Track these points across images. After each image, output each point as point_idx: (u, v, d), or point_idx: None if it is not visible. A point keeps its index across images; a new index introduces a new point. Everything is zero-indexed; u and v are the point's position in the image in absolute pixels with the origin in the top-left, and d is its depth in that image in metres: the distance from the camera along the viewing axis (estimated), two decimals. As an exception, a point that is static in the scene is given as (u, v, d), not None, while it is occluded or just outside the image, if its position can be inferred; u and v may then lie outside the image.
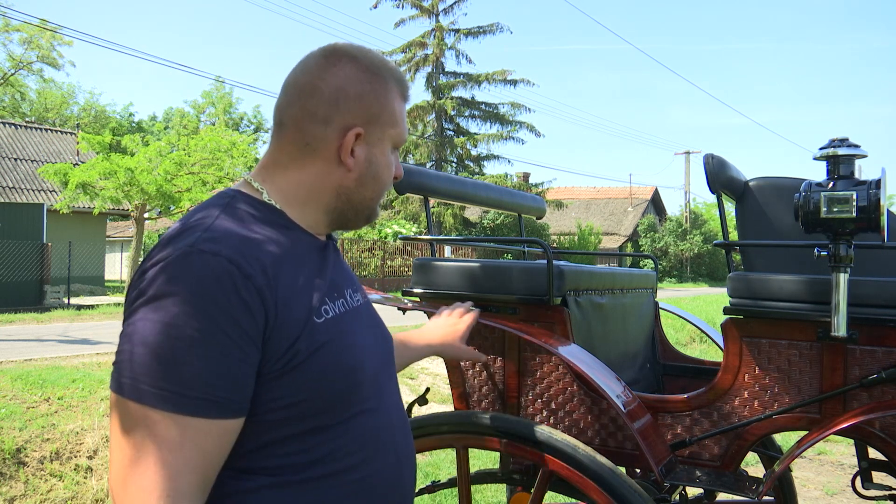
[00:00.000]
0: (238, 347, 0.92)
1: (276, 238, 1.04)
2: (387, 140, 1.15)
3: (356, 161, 1.11)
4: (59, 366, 6.20)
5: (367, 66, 1.12)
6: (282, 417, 0.98)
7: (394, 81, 1.15)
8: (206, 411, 0.90)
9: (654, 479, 2.08)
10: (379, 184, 1.15)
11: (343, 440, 1.03)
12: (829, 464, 5.21)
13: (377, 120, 1.12)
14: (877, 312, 1.71)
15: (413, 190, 2.31)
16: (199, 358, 0.90)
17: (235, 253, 0.95)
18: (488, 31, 28.29)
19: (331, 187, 1.12)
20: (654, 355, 2.68)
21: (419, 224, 25.58)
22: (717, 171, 2.11)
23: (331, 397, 1.01)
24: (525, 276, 2.02)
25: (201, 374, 0.90)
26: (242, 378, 0.93)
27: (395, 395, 1.19)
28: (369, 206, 1.17)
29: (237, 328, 0.92)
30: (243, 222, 1.02)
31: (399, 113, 1.16)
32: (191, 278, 0.91)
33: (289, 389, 0.98)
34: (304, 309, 1.00)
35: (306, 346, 0.98)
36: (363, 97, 1.11)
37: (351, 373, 1.04)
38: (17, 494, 4.02)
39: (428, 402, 2.01)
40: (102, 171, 17.87)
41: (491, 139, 27.94)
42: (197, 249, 0.93)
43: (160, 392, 0.88)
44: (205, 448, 0.91)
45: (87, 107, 41.92)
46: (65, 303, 15.70)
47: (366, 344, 1.11)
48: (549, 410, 2.05)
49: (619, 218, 40.39)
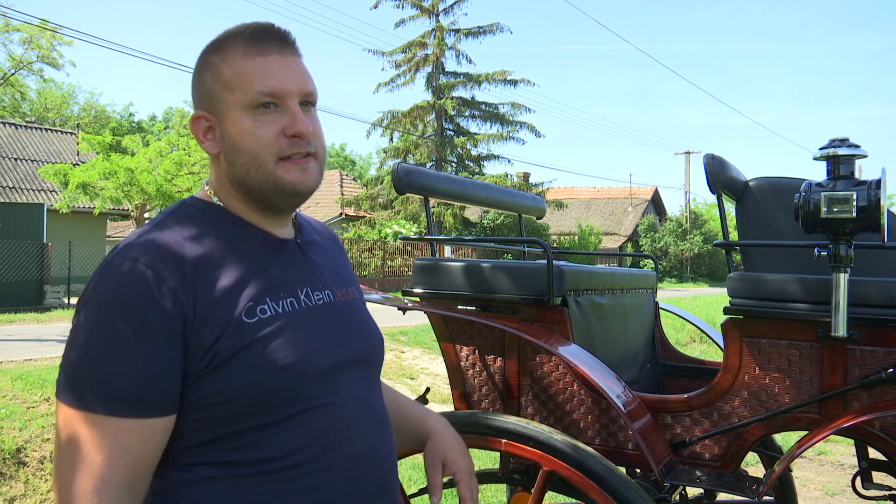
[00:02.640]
0: (154, 347, 0.95)
1: (213, 237, 1.05)
2: (231, 109, 1.06)
3: (218, 144, 1.09)
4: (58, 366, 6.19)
5: (210, 47, 1.09)
6: (214, 415, 0.99)
7: (232, 43, 1.07)
8: (126, 410, 0.94)
9: (654, 479, 2.08)
10: (244, 153, 1.06)
11: (286, 436, 1.02)
12: (829, 464, 5.21)
13: (215, 96, 1.07)
14: (877, 312, 1.71)
15: (413, 190, 2.31)
16: (115, 359, 0.94)
17: (153, 257, 0.98)
18: (488, 31, 28.26)
19: (223, 177, 1.10)
20: (654, 355, 2.68)
21: (419, 224, 25.58)
22: (717, 171, 2.11)
23: (264, 396, 1.00)
24: (525, 276, 2.02)
25: (118, 375, 0.94)
26: (161, 377, 0.96)
27: (359, 390, 1.14)
28: (258, 179, 1.06)
29: (151, 328, 0.95)
30: (180, 225, 1.05)
31: (235, 73, 1.05)
32: (108, 284, 0.96)
33: (216, 387, 0.99)
34: (229, 308, 1.00)
35: (230, 345, 0.98)
36: (199, 81, 1.09)
37: (284, 372, 1.02)
38: (17, 494, 4.02)
39: (428, 402, 2.01)
40: (102, 171, 17.87)
41: (491, 139, 27.91)
42: (120, 257, 0.98)
43: (81, 393, 0.94)
44: (128, 446, 0.94)
45: (87, 107, 41.92)
46: (65, 303, 15.70)
47: (316, 343, 1.07)
48: (549, 410, 2.05)
49: (619, 218, 40.38)
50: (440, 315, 2.16)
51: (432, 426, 1.43)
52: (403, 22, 28.41)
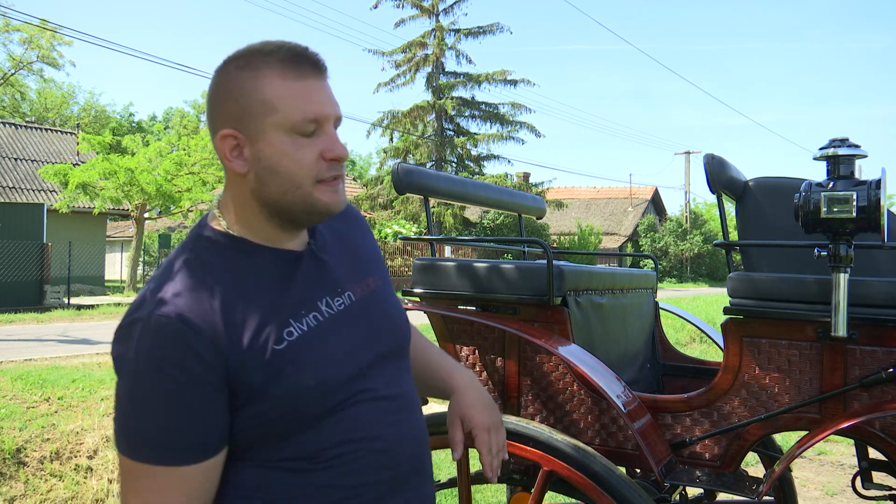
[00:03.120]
0: (204, 398, 1.00)
1: (231, 275, 1.07)
2: (269, 130, 1.05)
3: (246, 162, 1.07)
4: (59, 366, 6.20)
5: (237, 61, 1.07)
6: (254, 433, 1.06)
7: (267, 63, 1.05)
8: (188, 459, 1.00)
9: (654, 479, 2.08)
10: (282, 177, 1.06)
11: (322, 434, 1.07)
12: (829, 464, 5.21)
13: (249, 114, 1.05)
14: (877, 312, 1.71)
15: (413, 190, 2.31)
16: (175, 416, 0.99)
17: (186, 313, 1.01)
18: (488, 31, 28.25)
19: (246, 195, 1.09)
20: (654, 355, 2.68)
21: (419, 224, 25.57)
22: (717, 171, 2.11)
23: (301, 408, 1.06)
24: (525, 276, 2.02)
25: (176, 430, 0.99)
26: (215, 422, 1.02)
27: (389, 379, 1.17)
28: (293, 201, 1.07)
29: (197, 382, 0.99)
30: (200, 268, 1.06)
31: (276, 95, 1.04)
32: (152, 346, 0.99)
33: (255, 411, 1.04)
34: (260, 342, 1.03)
35: (265, 376, 1.03)
36: (230, 96, 1.06)
37: (318, 385, 1.06)
38: (17, 494, 4.02)
39: (428, 402, 2.01)
40: (102, 171, 17.87)
41: (491, 139, 27.90)
42: (154, 316, 1.00)
43: (145, 449, 0.99)
44: (191, 489, 1.01)
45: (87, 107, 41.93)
46: (65, 303, 15.69)
47: (344, 351, 1.11)
48: (549, 410, 2.05)
49: (619, 218, 40.38)
50: (440, 315, 2.17)
51: (456, 382, 1.42)
52: (403, 22, 28.41)
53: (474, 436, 1.37)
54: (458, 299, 2.14)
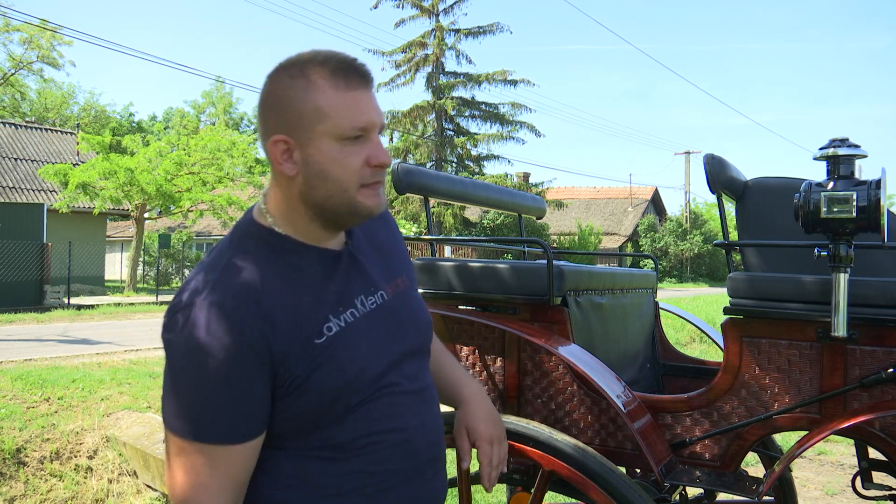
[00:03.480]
0: (250, 383, 1.07)
1: (277, 270, 1.13)
2: (320, 137, 1.11)
3: (295, 166, 1.13)
4: (59, 366, 6.20)
5: (289, 69, 1.13)
6: (292, 423, 1.13)
7: (319, 73, 1.11)
8: (235, 438, 1.08)
9: (654, 479, 2.08)
10: (330, 181, 1.12)
11: (354, 424, 1.15)
12: (829, 464, 5.21)
13: (300, 121, 1.11)
14: (877, 312, 1.71)
15: (413, 190, 2.31)
16: (222, 396, 1.06)
17: (235, 300, 1.07)
18: (488, 31, 28.27)
19: (295, 196, 1.16)
20: (654, 355, 2.68)
21: (419, 224, 25.58)
22: (717, 171, 2.11)
23: (336, 400, 1.13)
24: (525, 276, 2.02)
25: (227, 408, 1.07)
26: (258, 407, 1.09)
27: (413, 373, 1.25)
28: (339, 204, 1.14)
29: (245, 368, 1.06)
30: (248, 262, 1.13)
31: (328, 103, 1.10)
32: (202, 330, 1.05)
33: (294, 402, 1.11)
34: (303, 334, 1.11)
35: (306, 368, 1.10)
36: (282, 103, 1.12)
37: (352, 379, 1.14)
38: (17, 494, 4.03)
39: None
40: (102, 171, 17.88)
41: (491, 139, 27.92)
42: (205, 302, 1.07)
43: (197, 427, 1.06)
44: (236, 466, 1.09)
45: (87, 107, 41.94)
46: (65, 303, 15.70)
47: (377, 346, 1.19)
48: (549, 410, 2.05)
49: (619, 218, 40.39)
50: (440, 315, 2.17)
51: (465, 393, 1.50)
52: (403, 22, 28.43)
53: (477, 447, 1.46)
54: (458, 299, 2.14)
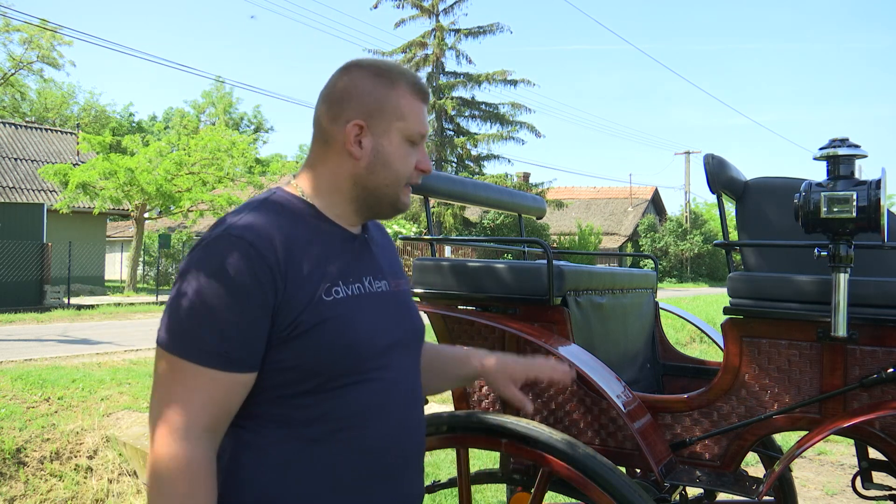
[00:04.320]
0: (250, 314, 1.13)
1: (298, 226, 1.22)
2: (394, 131, 1.26)
3: (363, 151, 1.25)
4: (59, 366, 6.20)
5: (375, 70, 1.28)
6: (286, 377, 1.17)
7: (403, 80, 1.27)
8: (219, 364, 1.12)
9: (654, 479, 2.08)
10: (391, 171, 1.27)
11: (342, 401, 1.19)
12: (829, 464, 5.21)
13: (381, 113, 1.25)
14: (877, 312, 1.71)
15: (413, 190, 2.31)
16: (216, 320, 1.12)
17: (254, 237, 1.15)
18: (488, 31, 28.28)
19: (347, 176, 1.27)
20: (654, 355, 2.68)
21: (419, 224, 25.58)
22: (717, 171, 2.11)
23: (331, 364, 1.18)
24: (525, 276, 2.02)
25: (218, 334, 1.12)
26: (252, 340, 1.14)
27: (404, 368, 1.30)
28: (387, 193, 1.28)
29: (249, 298, 1.12)
30: (271, 213, 1.21)
31: (407, 107, 1.27)
32: (217, 256, 1.14)
33: (293, 352, 1.16)
34: (312, 287, 1.18)
35: (309, 319, 1.16)
36: (366, 94, 1.25)
37: (350, 347, 1.19)
38: (17, 494, 4.02)
39: (428, 402, 2.01)
40: (102, 171, 17.88)
41: (491, 139, 27.92)
42: (226, 234, 1.16)
43: (183, 345, 1.12)
44: (216, 395, 1.12)
45: (87, 107, 41.93)
46: (65, 303, 15.69)
47: (376, 324, 1.25)
48: (549, 410, 2.05)
49: (619, 218, 40.38)
50: (440, 315, 2.17)
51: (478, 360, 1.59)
52: (403, 22, 28.43)
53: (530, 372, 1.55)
54: (458, 299, 2.14)
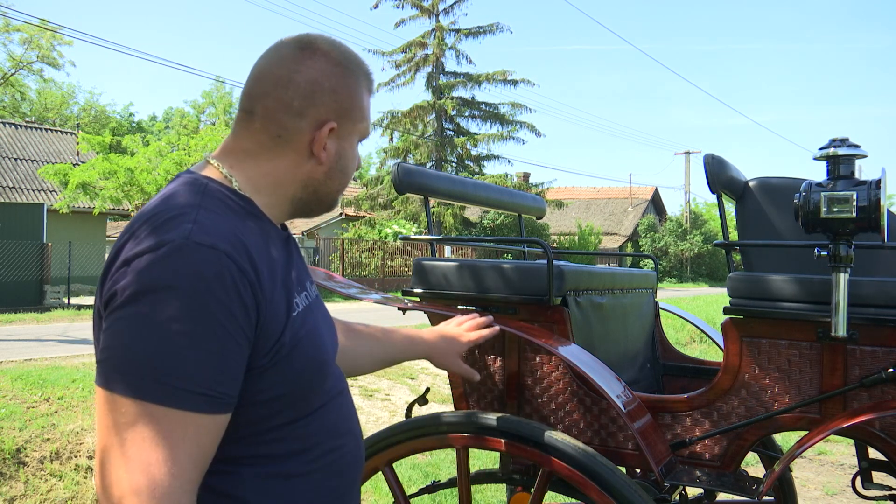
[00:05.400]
0: (235, 342, 0.91)
1: (253, 232, 1.02)
2: (355, 134, 1.15)
3: (328, 154, 1.11)
4: (59, 366, 6.20)
5: (339, 60, 1.12)
6: (258, 414, 1.00)
7: (363, 76, 1.15)
8: (207, 406, 0.89)
9: (654, 479, 2.08)
10: (346, 176, 1.16)
11: (313, 427, 1.07)
12: (829, 464, 5.21)
13: (348, 115, 1.12)
14: (877, 312, 1.71)
15: (413, 190, 2.31)
16: (200, 353, 0.88)
17: (230, 246, 0.93)
18: (488, 31, 28.25)
19: (299, 179, 1.11)
20: (654, 355, 2.68)
21: (419, 224, 25.57)
22: (717, 171, 2.11)
23: (306, 387, 1.05)
24: (525, 276, 2.02)
25: (203, 370, 0.88)
26: (238, 373, 0.93)
27: (344, 377, 1.24)
28: (334, 198, 1.17)
29: (234, 323, 0.91)
30: (225, 212, 1.00)
31: (367, 108, 1.16)
32: (189, 272, 0.88)
33: (272, 381, 0.99)
34: (281, 302, 1.00)
35: (289, 340, 1.00)
36: (336, 91, 1.10)
37: (322, 366, 1.08)
38: (17, 494, 4.02)
39: (428, 402, 2.01)
40: (102, 171, 17.87)
41: (491, 139, 27.90)
42: (193, 242, 0.90)
43: (162, 388, 0.86)
44: (203, 443, 0.90)
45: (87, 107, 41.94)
46: (65, 303, 15.69)
47: (326, 336, 1.14)
48: (549, 410, 2.05)
49: (619, 218, 40.39)
50: (440, 315, 2.16)
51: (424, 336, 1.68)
52: (403, 22, 28.40)
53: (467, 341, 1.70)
54: (458, 299, 2.14)
